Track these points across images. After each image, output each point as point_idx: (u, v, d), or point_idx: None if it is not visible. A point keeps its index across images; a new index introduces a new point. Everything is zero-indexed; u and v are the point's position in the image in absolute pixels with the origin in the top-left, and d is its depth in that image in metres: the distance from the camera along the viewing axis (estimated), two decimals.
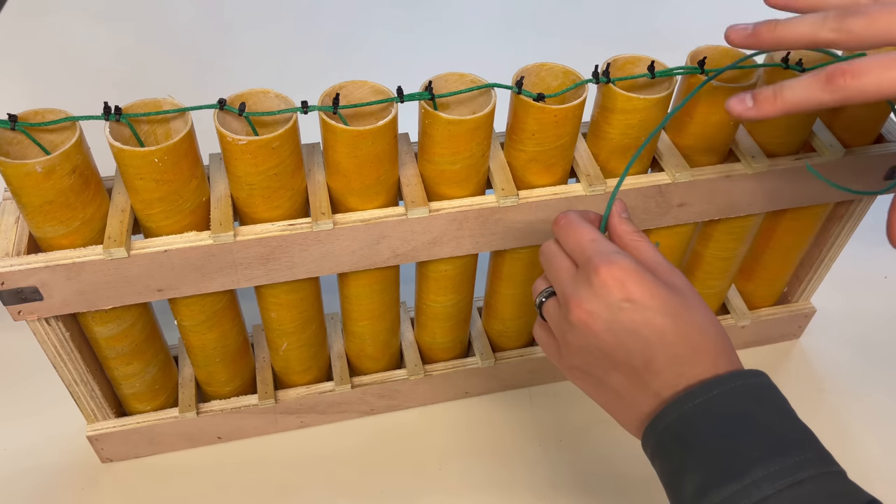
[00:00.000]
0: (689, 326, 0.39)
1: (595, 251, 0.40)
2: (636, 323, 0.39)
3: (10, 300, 0.48)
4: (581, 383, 0.43)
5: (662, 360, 0.39)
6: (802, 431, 0.38)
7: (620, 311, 0.39)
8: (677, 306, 0.39)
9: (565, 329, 0.42)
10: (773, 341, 0.75)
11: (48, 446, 0.64)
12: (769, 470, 0.35)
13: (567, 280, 0.42)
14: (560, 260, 0.43)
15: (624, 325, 0.39)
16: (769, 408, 0.38)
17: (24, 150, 0.46)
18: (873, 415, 0.69)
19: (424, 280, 0.60)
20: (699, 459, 0.36)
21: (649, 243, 0.43)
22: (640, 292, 0.39)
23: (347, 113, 0.49)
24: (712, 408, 0.37)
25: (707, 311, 0.41)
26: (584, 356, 0.41)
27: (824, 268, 0.70)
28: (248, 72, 1.05)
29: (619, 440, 0.67)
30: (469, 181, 0.53)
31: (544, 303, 0.44)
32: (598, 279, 0.39)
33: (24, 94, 0.99)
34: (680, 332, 0.39)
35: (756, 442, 0.36)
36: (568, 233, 0.43)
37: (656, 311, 0.39)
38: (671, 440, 0.38)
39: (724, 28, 0.44)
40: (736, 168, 0.56)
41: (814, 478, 0.35)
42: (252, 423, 0.64)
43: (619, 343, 0.39)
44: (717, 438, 0.36)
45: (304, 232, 0.50)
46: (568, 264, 0.42)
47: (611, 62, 0.52)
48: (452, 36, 1.14)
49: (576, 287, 0.41)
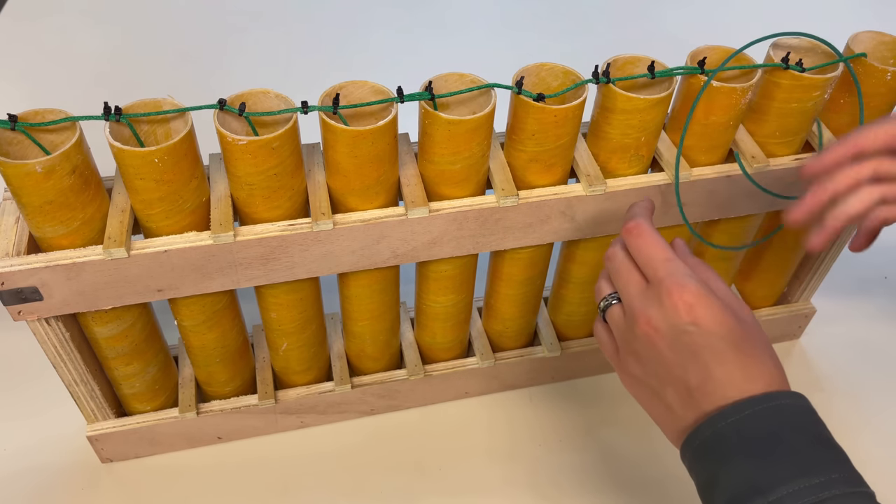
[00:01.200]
0: (748, 357, 0.41)
1: (668, 272, 0.42)
2: (699, 346, 0.41)
3: (10, 300, 0.48)
4: (634, 390, 0.45)
5: (716, 383, 0.40)
6: (833, 452, 0.39)
7: (685, 334, 0.41)
8: (741, 336, 0.41)
9: (629, 339, 0.44)
10: (773, 341, 0.75)
11: (48, 446, 0.64)
12: (794, 488, 0.36)
13: (636, 294, 0.43)
14: (630, 273, 0.44)
15: (687, 346, 0.41)
16: (801, 429, 0.39)
17: (24, 150, 0.46)
18: (873, 415, 0.69)
19: (424, 280, 0.60)
20: (729, 475, 0.38)
21: (717, 275, 0.45)
22: (708, 319, 0.41)
23: (347, 113, 0.49)
24: (744, 426, 0.39)
25: (767, 345, 0.42)
26: (643, 367, 0.43)
27: (824, 268, 0.70)
28: (249, 72, 1.05)
29: (619, 440, 0.67)
30: (469, 181, 0.53)
31: (610, 307, 0.46)
32: (670, 301, 0.41)
33: (25, 94, 0.99)
34: (738, 361, 0.40)
35: (784, 461, 0.37)
36: (640, 245, 0.44)
37: (720, 338, 0.41)
38: (705, 455, 0.40)
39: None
40: (736, 168, 0.56)
41: (838, 497, 0.36)
42: (252, 423, 0.64)
43: (679, 362, 0.41)
44: (747, 456, 0.38)
45: (304, 232, 0.50)
46: (637, 277, 0.44)
47: (611, 62, 0.52)
48: (452, 36, 1.14)
49: (645, 304, 0.42)
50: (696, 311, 0.41)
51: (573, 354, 0.69)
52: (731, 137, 0.56)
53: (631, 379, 0.45)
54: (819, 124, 0.59)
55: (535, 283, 0.62)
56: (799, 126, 0.56)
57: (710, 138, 0.55)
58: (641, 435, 0.67)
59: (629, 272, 0.44)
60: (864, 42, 0.56)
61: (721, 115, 0.53)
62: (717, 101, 0.52)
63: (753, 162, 0.56)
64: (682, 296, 0.41)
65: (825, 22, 1.13)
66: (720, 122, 0.53)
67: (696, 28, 1.14)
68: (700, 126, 0.54)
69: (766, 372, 0.41)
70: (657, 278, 0.42)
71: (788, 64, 0.52)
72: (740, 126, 0.58)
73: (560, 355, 0.68)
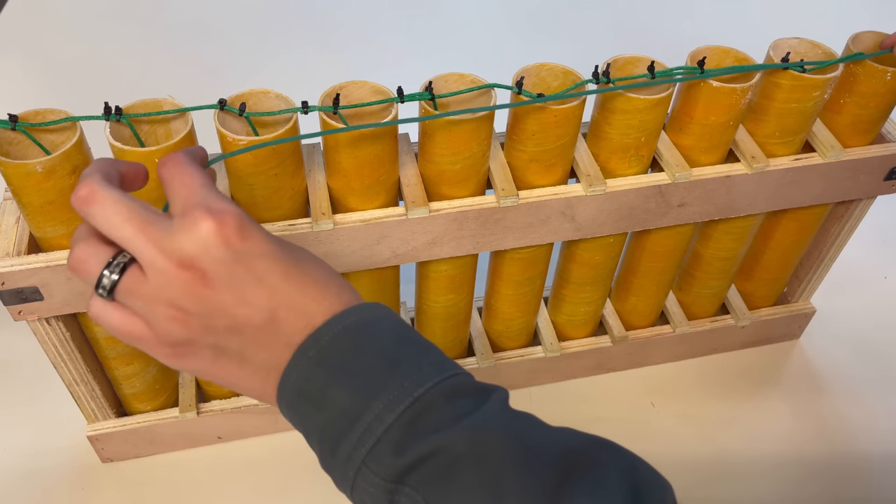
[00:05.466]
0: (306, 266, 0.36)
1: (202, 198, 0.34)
2: (259, 271, 0.34)
3: (11, 300, 0.48)
4: (189, 361, 0.36)
5: (289, 309, 0.35)
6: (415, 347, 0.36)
7: (237, 263, 0.34)
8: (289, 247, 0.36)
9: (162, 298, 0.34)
10: (773, 341, 0.75)
11: (48, 446, 0.64)
12: (387, 398, 0.33)
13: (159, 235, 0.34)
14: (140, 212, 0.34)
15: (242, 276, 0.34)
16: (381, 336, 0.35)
17: (24, 150, 0.46)
18: (873, 415, 0.69)
19: (424, 280, 0.60)
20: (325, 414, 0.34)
21: None
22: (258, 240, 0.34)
23: (348, 113, 0.49)
24: (326, 356, 0.34)
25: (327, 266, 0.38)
26: (190, 325, 0.35)
27: (824, 268, 0.70)
28: (249, 72, 1.05)
29: (619, 440, 0.66)
30: (469, 181, 0.53)
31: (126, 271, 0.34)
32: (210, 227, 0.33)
33: (25, 94, 0.99)
34: (305, 280, 0.35)
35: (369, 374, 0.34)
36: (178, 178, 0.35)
37: (278, 259, 0.35)
38: (300, 402, 0.35)
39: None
40: (736, 168, 0.56)
41: (431, 391, 0.34)
42: (252, 423, 0.65)
43: (236, 298, 0.34)
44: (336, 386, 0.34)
45: (304, 232, 0.50)
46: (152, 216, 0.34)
47: (611, 62, 0.52)
48: (452, 36, 1.14)
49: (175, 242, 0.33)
50: (244, 233, 0.34)
51: (573, 354, 0.69)
52: (731, 137, 0.56)
53: (179, 349, 0.35)
54: None
55: (535, 283, 0.62)
56: (799, 126, 0.56)
57: (710, 138, 0.55)
58: (641, 435, 0.67)
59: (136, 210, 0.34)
60: (864, 42, 0.56)
61: (721, 115, 0.53)
62: (717, 101, 0.52)
63: (753, 162, 0.56)
64: (222, 223, 0.33)
65: (825, 22, 1.13)
66: (720, 122, 0.53)
67: (696, 28, 1.14)
68: (700, 126, 0.54)
69: (335, 289, 0.36)
70: (187, 207, 0.34)
71: (788, 64, 0.52)
72: (740, 126, 0.58)
73: (560, 355, 0.68)
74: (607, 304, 0.71)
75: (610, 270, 0.64)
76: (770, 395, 0.71)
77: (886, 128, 0.60)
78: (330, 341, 0.35)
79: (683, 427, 0.68)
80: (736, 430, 0.68)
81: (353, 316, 0.35)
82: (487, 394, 0.36)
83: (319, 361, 0.34)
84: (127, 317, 0.35)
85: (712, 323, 0.71)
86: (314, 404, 0.35)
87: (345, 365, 0.34)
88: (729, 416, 0.69)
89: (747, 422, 0.69)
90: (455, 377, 0.35)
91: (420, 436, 0.33)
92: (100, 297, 0.35)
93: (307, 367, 0.34)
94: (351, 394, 0.34)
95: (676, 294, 0.72)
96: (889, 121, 0.60)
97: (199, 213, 0.33)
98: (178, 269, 0.33)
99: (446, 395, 0.34)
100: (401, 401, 0.33)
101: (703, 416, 0.69)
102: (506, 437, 0.34)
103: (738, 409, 0.70)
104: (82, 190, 0.34)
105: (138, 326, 0.35)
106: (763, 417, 0.69)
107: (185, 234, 0.33)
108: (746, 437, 0.67)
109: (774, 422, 0.69)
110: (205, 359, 0.36)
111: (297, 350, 0.35)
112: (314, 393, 0.34)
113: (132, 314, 0.35)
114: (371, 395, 0.34)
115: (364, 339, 0.35)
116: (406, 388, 0.34)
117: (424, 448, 0.32)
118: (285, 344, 0.35)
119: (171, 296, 0.34)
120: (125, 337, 0.36)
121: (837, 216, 0.65)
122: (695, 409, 0.70)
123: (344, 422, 0.34)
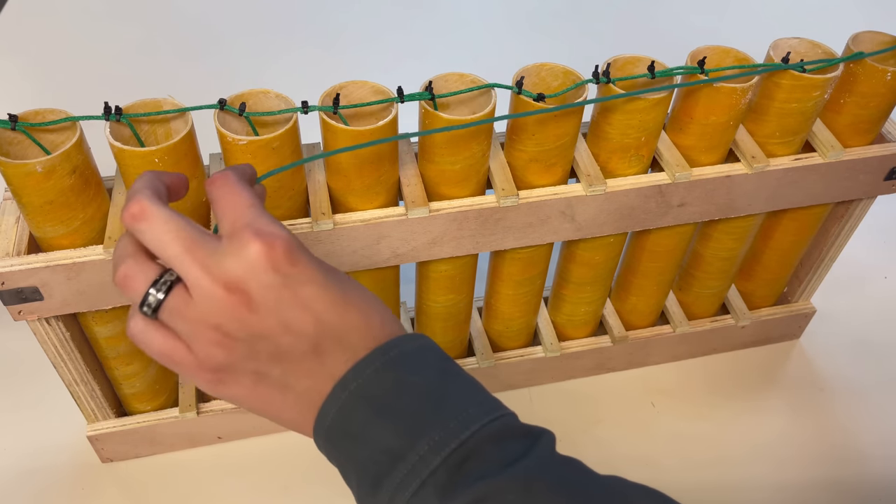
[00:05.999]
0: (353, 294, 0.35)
1: (252, 219, 0.33)
2: (305, 299, 0.33)
3: (11, 300, 0.48)
4: (229, 388, 0.35)
5: (333, 339, 0.34)
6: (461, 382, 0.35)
7: (284, 288, 0.33)
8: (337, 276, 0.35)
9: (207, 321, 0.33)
10: (773, 341, 0.75)
11: (48, 446, 0.64)
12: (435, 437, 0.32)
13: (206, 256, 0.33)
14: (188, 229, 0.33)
15: (289, 302, 0.33)
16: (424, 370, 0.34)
17: (24, 150, 0.46)
18: (873, 415, 0.69)
19: (424, 280, 0.60)
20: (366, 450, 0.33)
21: None
22: (301, 266, 0.33)
23: (348, 113, 0.49)
24: (367, 389, 0.33)
25: (370, 294, 0.37)
26: (232, 350, 0.34)
27: (824, 268, 0.70)
28: (249, 72, 1.05)
29: (618, 440, 0.67)
30: (469, 181, 0.53)
31: (171, 291, 0.33)
32: (258, 250, 0.32)
33: (25, 94, 0.99)
34: (347, 300, 0.34)
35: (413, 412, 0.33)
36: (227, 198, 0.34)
37: (324, 287, 0.34)
38: (338, 437, 0.34)
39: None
40: (736, 168, 0.56)
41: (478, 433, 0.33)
42: (252, 423, 0.65)
43: (280, 324, 0.33)
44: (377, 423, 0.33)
45: (305, 232, 0.50)
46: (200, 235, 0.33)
47: (611, 62, 0.52)
48: (452, 36, 1.14)
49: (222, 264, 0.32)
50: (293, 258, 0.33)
51: (573, 354, 0.69)
52: (731, 137, 0.56)
53: (221, 375, 0.34)
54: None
55: (535, 283, 0.62)
56: (799, 126, 0.56)
57: (710, 138, 0.55)
58: (641, 435, 0.67)
59: (185, 229, 0.33)
60: (864, 42, 0.56)
61: (721, 115, 0.53)
62: (718, 101, 0.52)
63: (753, 162, 0.56)
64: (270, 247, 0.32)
65: (825, 22, 1.13)
66: (720, 122, 0.53)
67: (696, 28, 1.14)
68: (700, 126, 0.54)
69: (378, 320, 0.35)
70: (235, 229, 0.33)
71: (788, 63, 0.52)
72: (740, 126, 0.58)
73: (560, 355, 0.68)
74: (607, 304, 0.71)
75: (610, 270, 0.64)
76: (770, 395, 0.71)
77: (886, 128, 0.60)
78: (372, 375, 0.34)
79: (683, 427, 0.68)
80: (736, 430, 0.68)
81: (396, 348, 0.34)
82: (535, 438, 0.35)
83: (361, 396, 0.33)
84: (169, 339, 0.34)
85: (712, 323, 0.71)
86: (354, 440, 0.34)
87: (387, 400, 0.33)
88: (729, 415, 0.69)
89: (747, 422, 0.69)
90: (502, 418, 0.34)
91: (467, 481, 0.32)
92: (142, 316, 0.34)
93: (348, 401, 0.34)
94: (394, 432, 0.33)
95: (676, 294, 0.72)
96: (889, 121, 0.60)
97: (248, 236, 0.32)
98: (223, 292, 0.32)
99: (494, 438, 0.33)
100: (447, 443, 0.32)
101: (703, 416, 0.69)
102: (556, 485, 0.33)
103: (738, 409, 0.70)
104: (133, 206, 0.33)
105: (180, 350, 0.34)
106: (763, 417, 0.69)
107: (232, 256, 0.32)
108: (746, 436, 0.67)
109: (774, 422, 0.69)
110: (245, 386, 0.35)
111: (337, 383, 0.34)
112: (354, 428, 0.34)
113: (174, 337, 0.34)
114: (415, 435, 0.33)
115: (407, 374, 0.34)
116: (452, 429, 0.33)
117: (472, 494, 0.32)
118: (328, 375, 0.34)
119: (216, 319, 0.33)
120: (165, 360, 0.35)
121: (837, 216, 0.65)
122: (695, 409, 0.70)
123: (386, 460, 0.33)
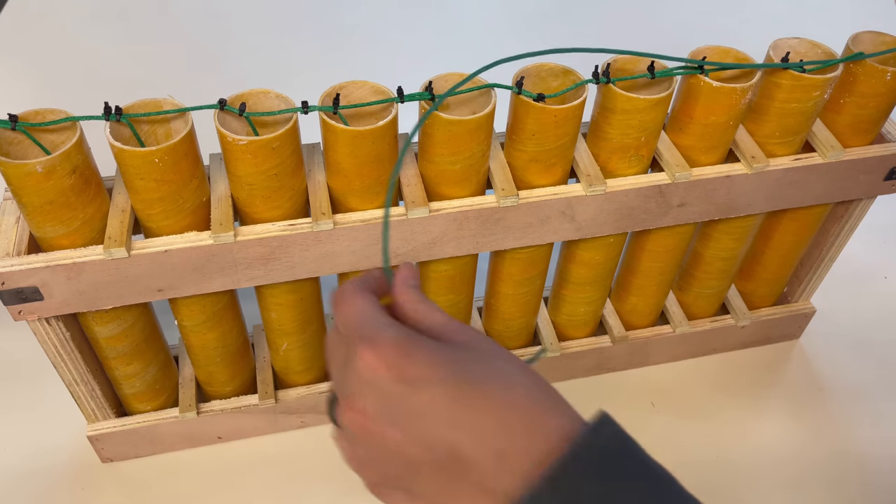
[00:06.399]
0: (490, 385, 0.30)
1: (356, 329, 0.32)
2: (422, 404, 0.30)
3: (11, 300, 0.48)
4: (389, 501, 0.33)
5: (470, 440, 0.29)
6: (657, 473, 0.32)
7: (399, 398, 0.30)
8: (469, 365, 0.30)
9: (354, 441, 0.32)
10: (773, 341, 0.75)
11: (48, 446, 0.64)
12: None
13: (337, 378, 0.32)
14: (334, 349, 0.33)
15: (409, 413, 0.30)
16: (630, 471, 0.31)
17: (24, 150, 0.46)
18: (873, 415, 0.69)
19: (424, 280, 0.60)
20: None
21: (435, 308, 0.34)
22: (416, 366, 0.30)
23: (348, 113, 0.49)
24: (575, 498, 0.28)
25: (512, 358, 0.32)
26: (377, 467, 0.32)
27: (824, 268, 0.70)
28: (249, 72, 1.05)
29: None
30: (469, 181, 0.53)
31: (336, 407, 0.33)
32: (365, 365, 0.30)
33: (25, 94, 0.99)
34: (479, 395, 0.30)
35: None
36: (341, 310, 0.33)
37: (441, 381, 0.30)
38: None
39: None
40: (736, 168, 0.56)
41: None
42: (252, 422, 0.65)
43: (410, 440, 0.30)
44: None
45: (305, 232, 0.50)
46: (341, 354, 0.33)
47: (611, 62, 0.52)
48: (452, 36, 1.14)
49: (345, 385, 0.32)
50: (404, 358, 0.30)
51: (573, 354, 0.69)
52: (731, 137, 0.56)
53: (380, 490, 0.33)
54: None
55: (535, 283, 0.62)
56: (799, 126, 0.56)
57: (710, 138, 0.55)
58: (641, 435, 0.67)
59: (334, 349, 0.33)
60: (864, 42, 0.56)
61: (721, 115, 0.53)
62: (717, 100, 0.52)
63: (753, 162, 0.56)
64: (377, 352, 0.30)
65: (825, 22, 1.13)
66: (720, 122, 0.53)
67: (695, 28, 1.14)
68: (700, 126, 0.54)
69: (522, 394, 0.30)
70: (351, 343, 0.31)
71: (788, 63, 0.52)
72: (740, 126, 0.58)
73: (560, 355, 0.68)
74: (607, 304, 0.71)
75: (610, 270, 0.64)
76: (770, 395, 0.71)
77: (886, 128, 0.60)
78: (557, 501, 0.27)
79: (683, 427, 0.68)
80: (736, 430, 0.68)
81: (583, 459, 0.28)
82: None
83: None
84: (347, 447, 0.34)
85: (712, 323, 0.71)
86: None
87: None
88: (729, 416, 0.69)
89: (747, 422, 0.69)
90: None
91: None
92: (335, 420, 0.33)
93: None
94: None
95: (676, 294, 0.72)
96: (889, 121, 0.60)
97: (357, 348, 0.31)
98: (349, 412, 0.31)
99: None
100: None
101: (703, 416, 0.69)
102: None
103: (738, 409, 0.70)
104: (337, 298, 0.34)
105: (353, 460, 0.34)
106: (763, 417, 0.69)
107: (350, 372, 0.31)
108: (746, 437, 0.67)
109: (774, 422, 0.69)
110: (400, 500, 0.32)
111: None
112: None
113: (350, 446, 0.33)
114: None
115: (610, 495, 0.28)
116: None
117: None
118: (482, 490, 0.29)
119: (354, 441, 0.32)
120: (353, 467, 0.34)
121: (837, 216, 0.65)
122: (695, 409, 0.70)
123: None
